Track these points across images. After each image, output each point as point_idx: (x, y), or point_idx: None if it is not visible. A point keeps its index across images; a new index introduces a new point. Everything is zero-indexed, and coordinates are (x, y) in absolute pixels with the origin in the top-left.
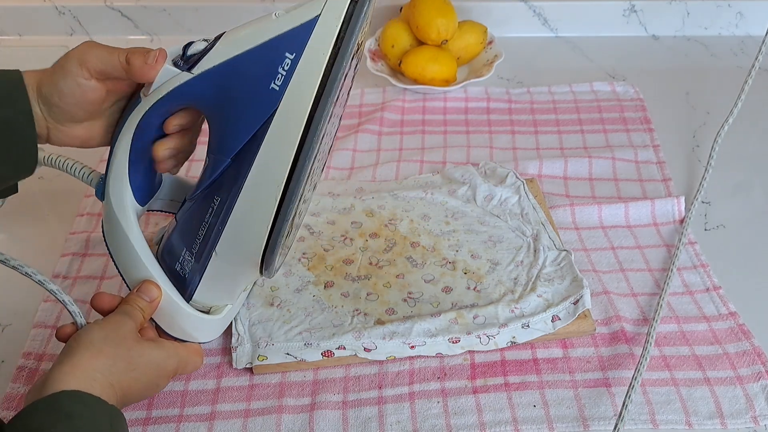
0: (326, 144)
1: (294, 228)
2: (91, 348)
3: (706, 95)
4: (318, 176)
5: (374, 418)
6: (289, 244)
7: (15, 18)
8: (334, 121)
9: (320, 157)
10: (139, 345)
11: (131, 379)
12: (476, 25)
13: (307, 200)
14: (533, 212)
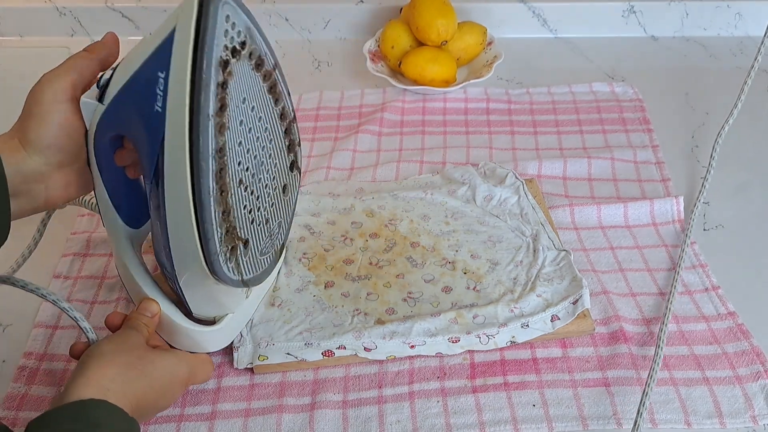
0: (256, 147)
1: (257, 230)
2: (102, 360)
3: (705, 96)
4: (268, 172)
5: (374, 417)
6: (263, 247)
7: (16, 19)
8: (254, 125)
9: (250, 157)
10: (149, 353)
11: (144, 386)
12: (476, 26)
13: (259, 196)
14: (532, 212)
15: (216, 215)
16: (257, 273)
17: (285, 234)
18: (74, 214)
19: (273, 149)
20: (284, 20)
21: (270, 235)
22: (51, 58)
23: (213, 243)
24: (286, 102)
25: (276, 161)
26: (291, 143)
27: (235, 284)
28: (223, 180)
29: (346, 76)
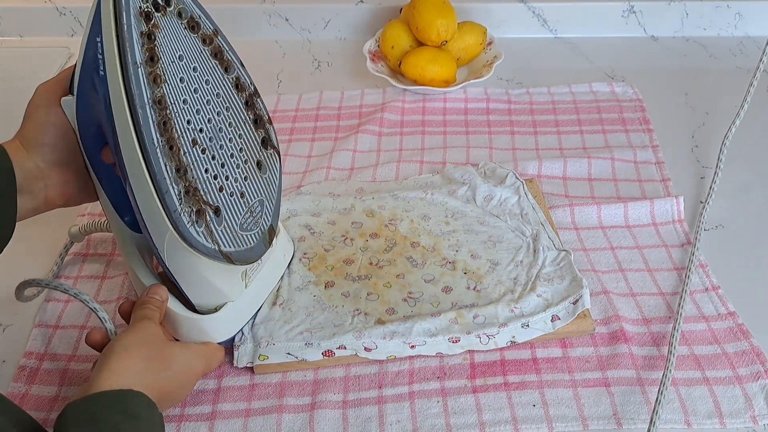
0: (208, 110)
1: (230, 200)
2: (125, 353)
3: (705, 96)
4: (231, 141)
5: (374, 417)
6: (243, 222)
7: (16, 19)
8: (201, 87)
9: (202, 119)
10: (169, 345)
11: (166, 378)
12: (476, 26)
13: (224, 164)
14: (533, 212)
15: (168, 170)
16: (240, 248)
17: (272, 215)
18: (74, 215)
19: (233, 118)
20: (284, 20)
21: (251, 211)
22: (51, 58)
23: (170, 199)
24: (241, 73)
25: (240, 132)
26: (258, 118)
27: (212, 254)
28: (169, 134)
29: (346, 76)
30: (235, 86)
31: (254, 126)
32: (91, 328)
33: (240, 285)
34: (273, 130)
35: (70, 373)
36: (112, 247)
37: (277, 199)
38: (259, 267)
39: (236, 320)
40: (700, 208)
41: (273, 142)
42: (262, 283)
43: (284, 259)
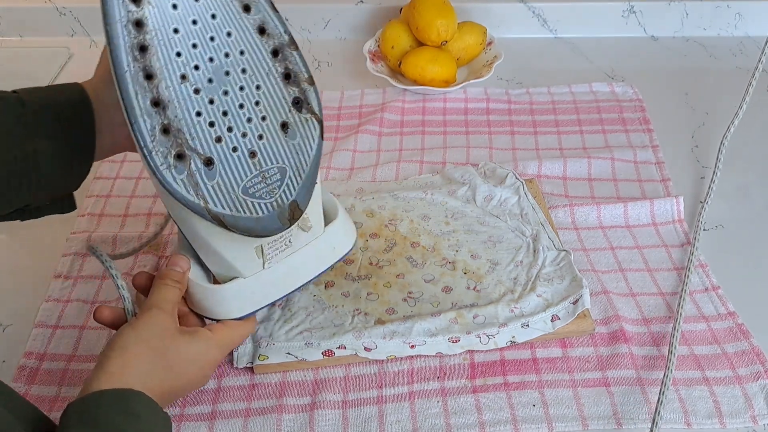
0: (210, 48)
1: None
2: (124, 353)
3: (705, 96)
4: (243, 90)
5: (374, 417)
6: (247, 184)
7: (16, 19)
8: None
9: (198, 55)
10: (174, 341)
11: (170, 379)
12: (476, 26)
13: (226, 111)
14: (533, 212)
15: (139, 100)
16: (239, 214)
17: (298, 189)
18: (74, 214)
19: (249, 65)
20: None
21: (263, 176)
22: (51, 58)
23: (140, 132)
24: (268, 16)
25: (259, 82)
26: (290, 74)
27: (197, 209)
28: (146, 61)
29: (346, 76)
30: (258, 30)
31: (283, 81)
32: (96, 328)
33: (254, 261)
34: (314, 92)
35: (70, 373)
36: (112, 246)
37: (310, 174)
38: (286, 248)
39: (247, 299)
40: (699, 208)
41: (311, 105)
42: (291, 269)
43: (333, 252)
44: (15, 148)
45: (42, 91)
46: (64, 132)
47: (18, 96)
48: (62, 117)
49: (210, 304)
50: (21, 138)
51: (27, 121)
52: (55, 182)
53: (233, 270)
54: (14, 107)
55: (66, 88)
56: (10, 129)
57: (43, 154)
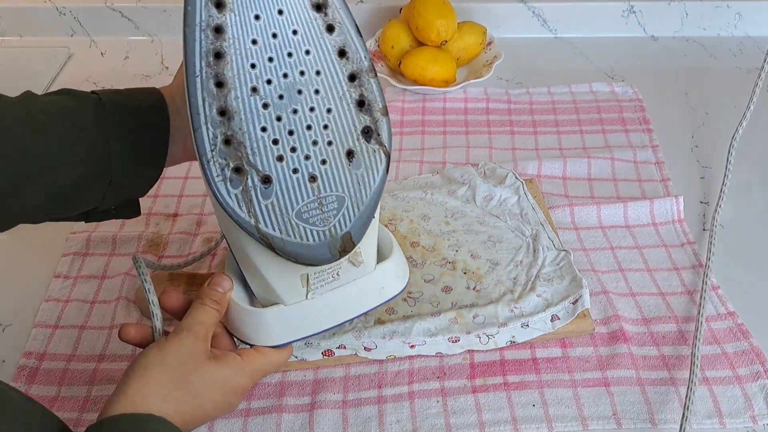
0: (286, 63)
1: (289, 175)
2: (144, 376)
3: (705, 96)
4: (314, 111)
5: (374, 417)
6: (303, 208)
7: (16, 19)
8: (283, 34)
9: (274, 69)
10: (200, 366)
11: (192, 404)
12: (476, 26)
13: (292, 131)
14: (532, 212)
15: (205, 106)
16: (288, 238)
17: (353, 222)
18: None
19: (323, 86)
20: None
21: (320, 202)
22: (51, 58)
23: (201, 140)
24: (351, 39)
25: (330, 105)
26: (364, 101)
27: (247, 227)
28: (219, 68)
29: None
30: (339, 52)
31: (356, 107)
32: (96, 327)
33: (298, 290)
34: (386, 123)
35: (70, 373)
36: (112, 246)
37: (369, 207)
38: (333, 281)
39: (285, 328)
40: (712, 211)
41: (381, 137)
42: (334, 303)
43: (380, 293)
44: (92, 148)
45: (120, 94)
46: (139, 136)
47: (97, 96)
48: (138, 121)
49: (246, 327)
50: (98, 138)
51: (105, 122)
52: (125, 186)
53: (275, 296)
54: (94, 108)
55: (144, 93)
56: (89, 129)
57: (118, 156)
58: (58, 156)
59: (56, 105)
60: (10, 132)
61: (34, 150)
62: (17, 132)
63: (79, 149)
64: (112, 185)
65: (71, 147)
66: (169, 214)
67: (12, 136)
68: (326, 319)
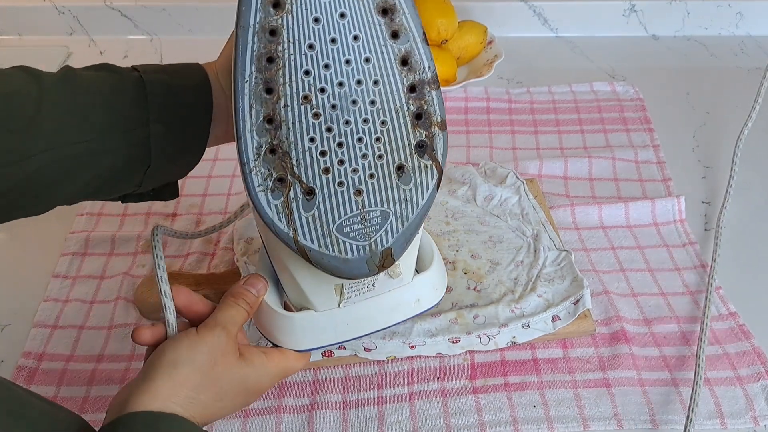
0: (343, 71)
1: (334, 189)
2: (174, 375)
3: (706, 95)
4: (366, 123)
5: (374, 418)
6: (345, 222)
7: (15, 18)
8: (342, 39)
9: (329, 76)
10: (230, 371)
11: (216, 408)
12: (476, 25)
13: (342, 143)
14: (533, 212)
15: (252, 113)
16: (327, 252)
17: (395, 238)
18: (73, 214)
19: (380, 97)
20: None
21: (362, 217)
22: (50, 57)
23: (245, 148)
24: (416, 49)
25: (385, 118)
26: (422, 114)
27: (282, 235)
28: (271, 73)
29: None
30: (401, 61)
31: (413, 120)
32: (95, 327)
33: (331, 299)
34: (443, 138)
35: (69, 374)
36: (111, 246)
37: (414, 223)
38: (368, 291)
39: (314, 335)
40: (716, 212)
41: (436, 152)
42: (366, 313)
43: (415, 305)
44: (132, 132)
45: (163, 71)
46: (181, 119)
47: (138, 75)
48: (181, 102)
49: (275, 328)
50: (138, 121)
51: (146, 103)
52: (164, 169)
53: (307, 301)
54: (134, 88)
55: (188, 70)
56: (129, 111)
57: (158, 139)
58: (97, 140)
59: (97, 84)
60: (52, 115)
61: (75, 134)
62: (60, 115)
63: (118, 133)
64: (151, 169)
65: (111, 131)
66: (168, 214)
67: (55, 119)
68: (356, 328)
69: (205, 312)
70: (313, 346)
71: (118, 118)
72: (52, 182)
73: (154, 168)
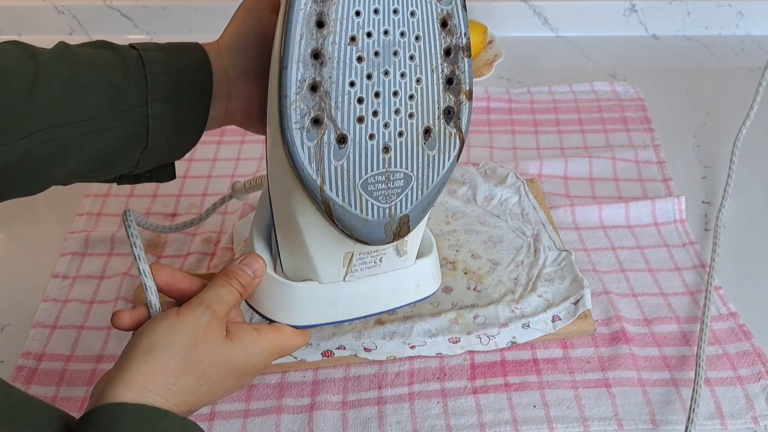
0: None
1: (365, 140)
2: (150, 360)
3: (707, 95)
4: (404, 77)
5: (374, 418)
6: (370, 178)
7: (14, 17)
8: None
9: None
10: (214, 351)
11: (200, 394)
12: (477, 24)
13: (378, 92)
14: (533, 212)
15: (302, 44)
16: (349, 205)
17: (414, 205)
18: (72, 214)
19: (419, 52)
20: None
21: (387, 176)
22: None
23: (287, 78)
24: (457, 12)
25: (420, 76)
26: (453, 79)
27: (309, 183)
28: (325, 6)
29: None
30: (442, 22)
31: (445, 84)
32: (95, 328)
33: (337, 269)
34: (468, 108)
35: (69, 374)
36: (110, 246)
37: (433, 192)
38: (375, 266)
39: (315, 309)
40: (714, 212)
41: (461, 121)
42: (368, 291)
43: (415, 290)
44: (129, 112)
45: (162, 51)
46: (179, 100)
47: (137, 54)
48: (180, 83)
49: (272, 300)
50: (137, 101)
51: (145, 83)
52: (162, 150)
53: (311, 271)
54: (133, 67)
55: (188, 50)
56: (127, 91)
57: (157, 119)
58: (94, 120)
59: (95, 62)
60: (48, 93)
61: (71, 114)
62: (56, 93)
63: (116, 113)
64: (148, 149)
65: (109, 110)
66: (168, 214)
67: (51, 98)
68: (356, 308)
69: (192, 290)
70: (312, 322)
71: (115, 97)
72: (48, 162)
73: (151, 148)
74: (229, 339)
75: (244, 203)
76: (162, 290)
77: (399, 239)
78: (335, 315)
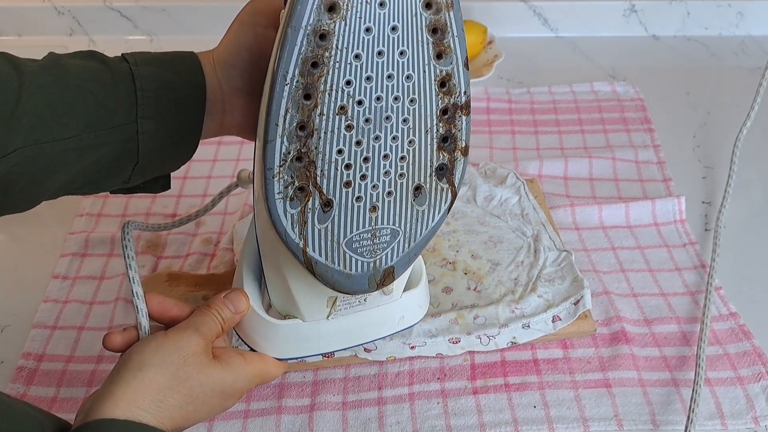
0: (381, 78)
1: (351, 203)
2: (139, 377)
3: (707, 95)
4: (395, 140)
5: (374, 418)
6: (355, 238)
7: (14, 18)
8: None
9: (369, 90)
10: (201, 371)
11: (186, 412)
12: (476, 25)
13: (367, 158)
14: (533, 212)
15: (286, 117)
16: (332, 266)
17: (399, 257)
18: (72, 214)
19: (412, 116)
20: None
21: (373, 234)
22: None
23: (271, 152)
24: (457, 71)
25: (413, 137)
26: (448, 137)
27: (291, 245)
28: (313, 79)
29: None
30: (440, 83)
31: (438, 143)
32: (95, 328)
33: (321, 310)
34: (463, 164)
35: (69, 374)
36: (110, 247)
37: (420, 245)
38: (359, 305)
39: (298, 344)
40: (715, 212)
41: (454, 177)
42: (352, 326)
43: (400, 321)
44: (118, 129)
45: (155, 64)
46: (172, 114)
47: (128, 68)
48: (172, 99)
49: (258, 335)
50: (126, 119)
51: (135, 100)
52: (154, 165)
53: (295, 310)
54: (123, 82)
55: (181, 64)
56: (116, 107)
57: (147, 136)
58: (82, 137)
59: (83, 76)
60: (33, 109)
61: (57, 130)
62: (41, 109)
63: (105, 129)
64: (139, 166)
65: (97, 126)
66: (168, 214)
67: (36, 113)
68: (339, 341)
69: (182, 316)
70: (295, 355)
71: (103, 114)
72: (34, 179)
73: (143, 164)
74: (216, 361)
75: (245, 203)
76: (153, 317)
77: (382, 287)
78: (317, 348)
